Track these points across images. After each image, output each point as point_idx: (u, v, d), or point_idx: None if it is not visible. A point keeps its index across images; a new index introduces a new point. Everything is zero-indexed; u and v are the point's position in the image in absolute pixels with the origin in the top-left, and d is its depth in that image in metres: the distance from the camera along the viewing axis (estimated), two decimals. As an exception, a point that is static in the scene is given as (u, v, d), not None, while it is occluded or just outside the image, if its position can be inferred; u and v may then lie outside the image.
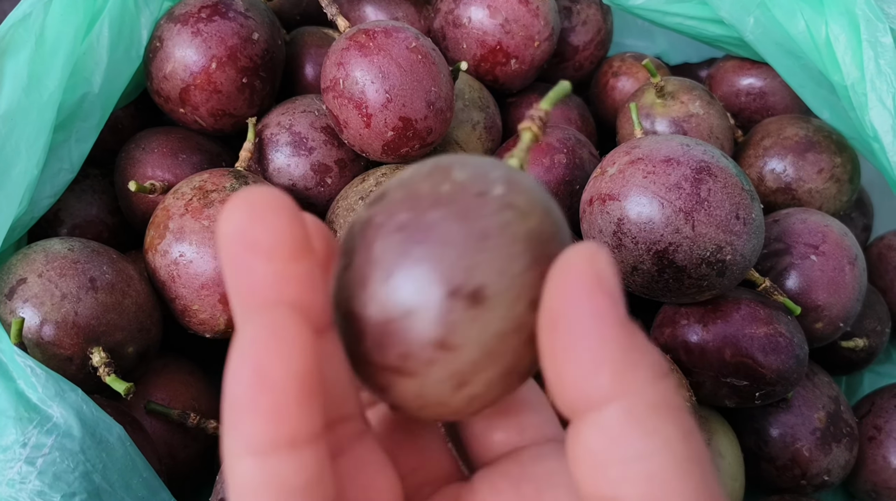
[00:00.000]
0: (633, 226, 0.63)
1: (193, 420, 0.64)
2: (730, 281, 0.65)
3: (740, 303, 0.69)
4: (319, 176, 0.74)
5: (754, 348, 0.67)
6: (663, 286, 0.65)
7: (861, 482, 0.79)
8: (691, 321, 0.69)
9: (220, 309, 0.63)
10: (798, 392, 0.75)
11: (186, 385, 0.68)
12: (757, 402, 0.69)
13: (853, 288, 0.74)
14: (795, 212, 0.79)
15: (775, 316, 0.69)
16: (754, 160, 0.87)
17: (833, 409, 0.75)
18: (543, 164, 0.77)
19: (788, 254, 0.75)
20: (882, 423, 0.78)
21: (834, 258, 0.74)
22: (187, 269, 0.63)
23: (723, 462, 0.70)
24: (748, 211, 0.64)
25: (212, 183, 0.65)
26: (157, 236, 0.64)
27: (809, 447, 0.74)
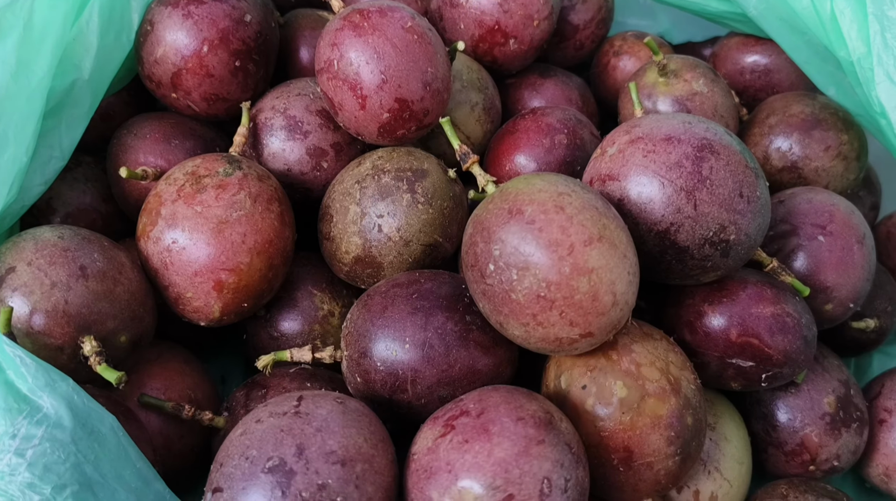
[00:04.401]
0: (634, 207, 0.62)
1: (188, 413, 0.63)
2: (735, 261, 0.63)
3: (747, 283, 0.67)
4: (315, 160, 0.73)
5: (761, 328, 0.66)
6: (666, 268, 0.64)
7: (872, 466, 0.77)
8: (696, 301, 0.68)
9: (215, 297, 0.62)
10: (807, 375, 0.73)
11: (182, 374, 0.67)
12: (763, 385, 0.68)
13: (862, 268, 0.73)
14: (801, 191, 0.77)
15: (783, 297, 0.67)
16: (759, 138, 0.85)
17: (843, 393, 0.74)
18: (544, 145, 0.76)
19: (795, 236, 0.73)
20: (893, 406, 0.77)
21: (842, 238, 0.72)
22: (180, 256, 0.61)
23: (728, 445, 0.69)
24: (752, 188, 0.62)
25: (204, 168, 0.64)
26: (150, 223, 0.63)
27: (819, 432, 0.72)
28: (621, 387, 0.58)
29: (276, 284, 0.66)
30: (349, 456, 0.50)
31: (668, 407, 0.58)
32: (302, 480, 0.49)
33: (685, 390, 0.60)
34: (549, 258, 0.54)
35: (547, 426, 0.52)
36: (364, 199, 0.67)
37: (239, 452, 0.51)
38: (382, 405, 0.60)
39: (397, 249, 0.66)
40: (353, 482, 0.50)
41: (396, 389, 0.59)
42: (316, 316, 0.72)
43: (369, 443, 0.52)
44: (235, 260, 0.61)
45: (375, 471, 0.51)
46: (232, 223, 0.62)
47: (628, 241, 0.56)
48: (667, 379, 0.59)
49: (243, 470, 0.49)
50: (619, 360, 0.59)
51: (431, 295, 0.61)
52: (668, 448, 0.58)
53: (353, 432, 0.52)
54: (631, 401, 0.58)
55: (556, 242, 0.54)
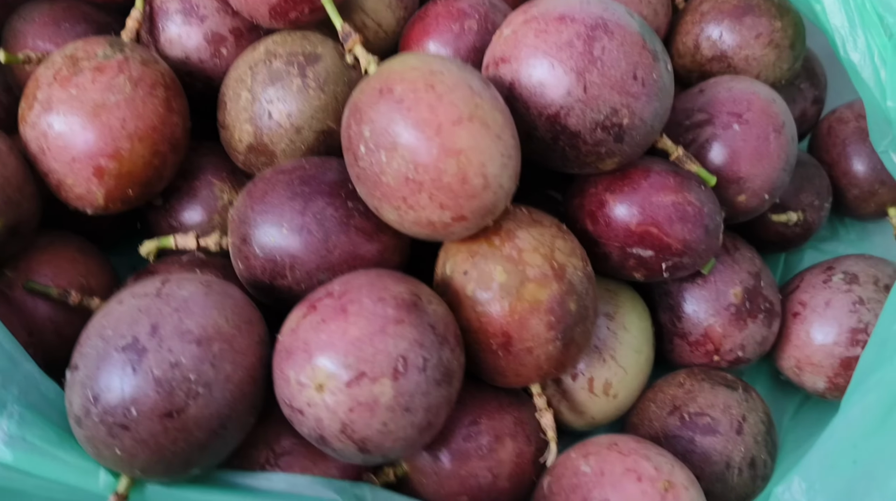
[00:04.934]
0: (525, 90, 0.60)
1: (75, 299, 0.63)
2: (631, 147, 0.62)
3: (650, 172, 0.66)
4: (214, 47, 0.70)
5: (660, 217, 0.64)
6: (561, 154, 0.62)
7: (784, 358, 0.77)
8: (599, 190, 0.66)
9: (96, 184, 0.61)
10: (715, 267, 0.72)
11: (74, 262, 0.66)
12: (665, 275, 0.67)
13: (778, 158, 0.70)
14: (723, 80, 0.74)
15: (686, 185, 0.65)
16: (691, 27, 0.81)
17: (752, 285, 0.73)
18: (453, 31, 0.72)
19: (711, 125, 0.71)
20: (808, 299, 0.76)
21: (758, 126, 0.70)
22: (57, 142, 0.60)
23: (626, 334, 0.69)
24: (648, 70, 0.59)
25: (83, 51, 0.62)
26: (27, 107, 0.61)
27: (723, 322, 0.72)
28: (501, 272, 0.57)
29: (165, 173, 0.65)
30: (206, 336, 0.50)
31: (548, 293, 0.57)
32: (154, 358, 0.49)
33: (570, 276, 0.59)
34: (416, 138, 0.52)
35: (410, 307, 0.52)
36: (255, 85, 0.65)
37: (96, 332, 0.51)
38: (265, 291, 0.60)
39: (289, 136, 0.64)
40: (209, 360, 0.50)
41: (276, 275, 0.59)
42: (216, 206, 0.71)
43: (230, 324, 0.52)
44: (114, 146, 0.60)
45: (236, 351, 0.51)
46: (110, 107, 0.60)
47: (505, 122, 0.55)
48: (550, 265, 0.58)
49: (98, 349, 0.50)
50: (501, 246, 0.58)
51: (314, 180, 0.60)
52: (549, 333, 0.58)
53: (213, 313, 0.52)
54: (510, 286, 0.57)
55: (424, 122, 0.52)
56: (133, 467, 0.50)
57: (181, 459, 0.50)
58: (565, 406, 0.69)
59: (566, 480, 0.58)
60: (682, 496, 0.55)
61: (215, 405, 0.50)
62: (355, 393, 0.49)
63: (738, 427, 0.65)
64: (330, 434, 0.51)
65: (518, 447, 0.62)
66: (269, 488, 0.56)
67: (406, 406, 0.50)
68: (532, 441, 0.63)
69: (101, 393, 0.48)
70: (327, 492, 0.56)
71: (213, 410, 0.50)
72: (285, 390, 0.51)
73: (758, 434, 0.66)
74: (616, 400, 0.69)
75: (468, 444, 0.60)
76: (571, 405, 0.69)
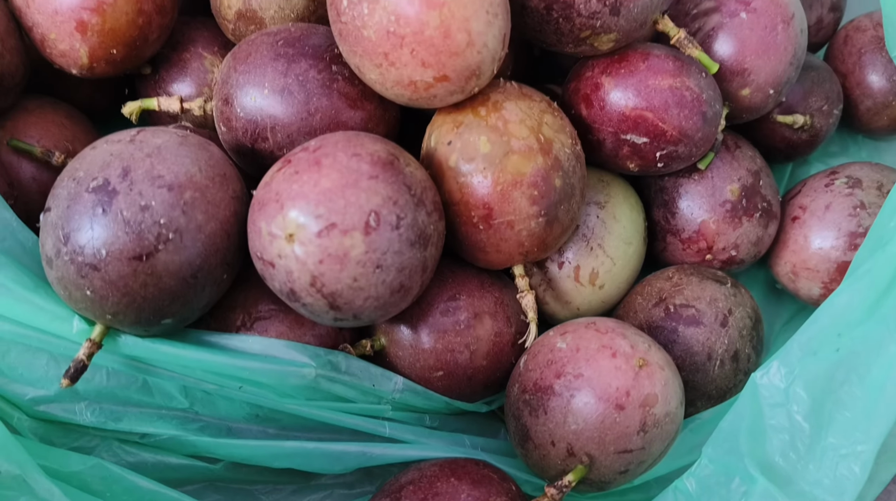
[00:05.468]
0: (519, -46, 0.57)
1: (59, 159, 0.63)
2: (628, 22, 0.59)
3: (649, 56, 0.63)
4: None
5: (656, 101, 0.62)
6: (555, 28, 0.60)
7: (781, 263, 0.76)
8: (595, 72, 0.64)
9: (79, 39, 0.60)
10: (714, 163, 0.70)
11: (61, 126, 0.66)
12: (660, 165, 0.65)
13: (786, 50, 0.68)
14: (736, -33, 0.71)
15: (685, 70, 0.63)
16: (706, -84, 0.78)
17: (750, 183, 0.71)
18: None
19: (717, 13, 0.68)
20: (808, 202, 0.74)
21: (766, 16, 0.67)
22: (39, -7, 0.59)
23: (616, 225, 0.67)
24: (649, -63, 0.57)
25: None
26: (10, -43, 0.60)
27: (717, 219, 0.70)
28: (485, 143, 0.56)
29: (151, 35, 0.64)
30: (178, 183, 0.50)
31: (532, 166, 0.56)
32: (124, 200, 0.48)
33: (557, 152, 0.57)
34: (398, -11, 0.50)
35: (386, 165, 0.51)
36: (244, -52, 0.63)
37: (69, 174, 0.50)
38: (247, 155, 0.59)
39: (278, 2, 0.63)
40: (181, 207, 0.49)
41: (258, 137, 0.58)
42: (206, 79, 0.70)
43: (204, 174, 0.51)
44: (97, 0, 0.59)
45: (208, 201, 0.51)
46: (92, -41, 0.58)
47: (492, -21, 0.52)
48: (536, 139, 0.57)
49: (69, 190, 0.49)
50: (487, 116, 0.57)
51: (298, 42, 0.58)
52: (531, 208, 0.56)
53: (186, 162, 0.51)
54: (493, 157, 0.56)
55: (408, -28, 0.50)
56: (104, 311, 0.50)
57: (152, 306, 0.50)
58: (550, 294, 0.68)
59: (542, 356, 0.58)
60: (657, 374, 0.55)
61: (186, 253, 0.50)
62: (325, 243, 0.48)
63: (723, 320, 0.64)
64: (300, 287, 0.50)
65: (497, 326, 0.61)
66: (243, 348, 0.56)
67: (377, 262, 0.50)
68: (512, 323, 0.63)
69: (71, 232, 0.48)
70: (300, 356, 0.56)
71: (183, 257, 0.50)
72: (257, 242, 0.51)
73: (743, 329, 0.65)
74: (602, 291, 0.68)
75: (446, 319, 0.60)
76: (556, 294, 0.68)
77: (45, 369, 0.56)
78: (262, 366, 0.55)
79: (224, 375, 0.55)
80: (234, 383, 0.56)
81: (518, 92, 0.59)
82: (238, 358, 0.55)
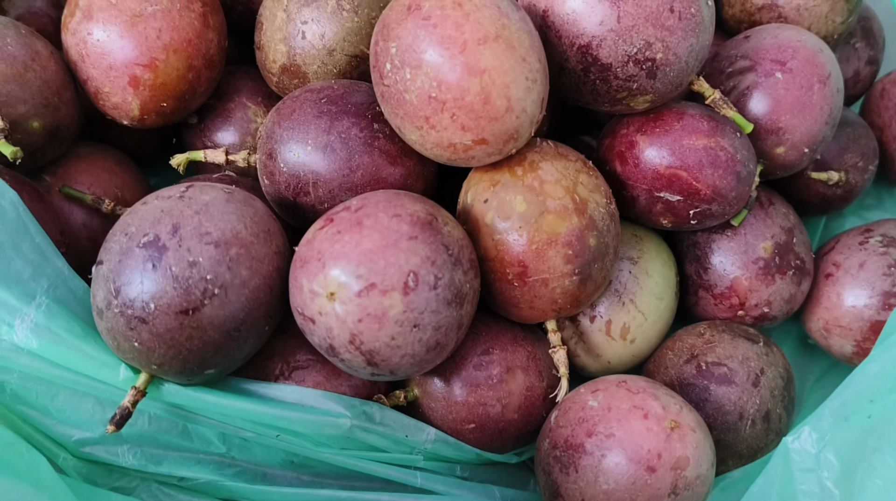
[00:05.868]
0: (557, 18, 0.59)
1: (108, 207, 0.65)
2: (664, 85, 0.60)
3: (684, 115, 0.64)
4: (255, -31, 0.71)
5: (690, 160, 0.63)
6: (591, 89, 0.61)
7: (813, 320, 0.76)
8: (630, 130, 0.65)
9: (132, 93, 0.63)
10: (747, 219, 0.71)
11: (111, 173, 0.68)
12: (693, 222, 0.66)
13: (821, 110, 0.68)
14: (771, 27, 0.72)
15: (720, 130, 0.64)
16: (742, -26, 0.79)
17: (784, 240, 0.71)
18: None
19: (753, 72, 0.69)
20: (842, 260, 0.74)
21: (802, 76, 0.68)
22: (95, 49, 0.62)
23: (649, 280, 0.68)
24: (687, 4, 0.58)
25: (126, -39, 0.63)
26: (69, 14, 0.63)
27: (750, 276, 0.70)
28: (521, 202, 0.57)
29: (199, 88, 0.66)
30: (224, 239, 0.51)
31: (567, 225, 0.57)
32: (173, 256, 0.50)
33: (591, 211, 0.58)
34: (440, 56, 0.52)
35: (425, 225, 0.52)
36: (291, 5, 0.65)
37: (121, 229, 0.52)
38: (289, 208, 0.61)
39: (321, 58, 0.65)
40: (226, 263, 0.51)
41: (300, 192, 0.59)
42: (249, 129, 0.72)
43: (249, 231, 0.53)
44: (150, 56, 0.61)
45: (253, 257, 0.52)
46: (147, 17, 0.61)
47: (531, 45, 0.54)
48: (571, 198, 0.58)
49: (121, 245, 0.51)
50: (523, 176, 0.58)
51: (340, 100, 0.60)
52: (566, 267, 0.57)
53: (232, 219, 0.53)
54: (529, 216, 0.57)
55: (450, 39, 0.52)
56: (150, 362, 0.52)
57: (196, 357, 0.52)
58: (581, 347, 0.69)
59: (573, 413, 0.58)
60: (689, 437, 0.55)
61: (230, 307, 0.51)
62: (365, 303, 0.50)
63: (755, 380, 0.64)
64: (339, 343, 0.51)
65: (529, 380, 0.62)
66: (280, 397, 0.58)
67: (415, 321, 0.51)
68: (544, 378, 0.63)
69: (122, 286, 0.50)
70: (336, 407, 0.57)
71: (228, 312, 0.51)
72: (298, 298, 0.52)
73: (775, 389, 0.65)
74: (633, 346, 0.69)
75: (479, 373, 0.61)
76: (587, 347, 0.69)
77: (90, 412, 0.58)
78: (299, 416, 0.56)
79: (262, 424, 0.57)
80: (272, 431, 0.57)
81: (554, 151, 0.60)
82: (276, 408, 0.57)
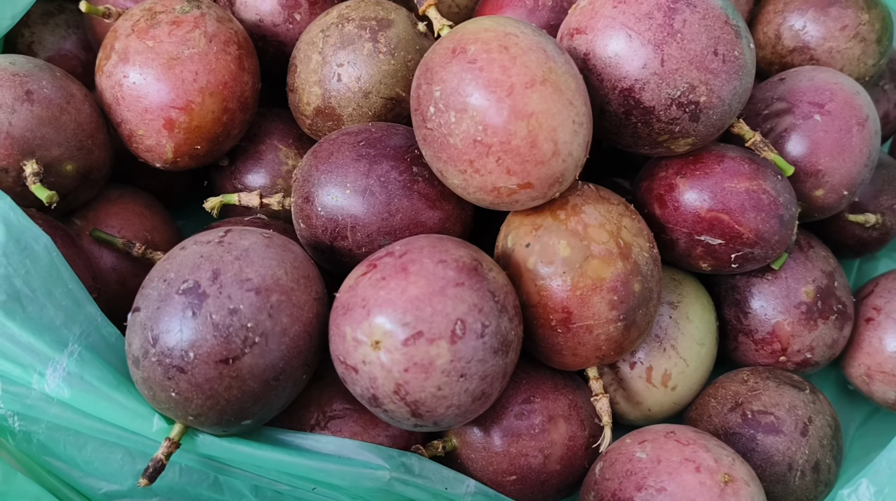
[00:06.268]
0: (599, 62, 0.58)
1: (139, 251, 0.64)
2: (706, 128, 0.59)
3: (724, 157, 0.63)
4: (288, 11, 0.71)
5: (732, 203, 0.62)
6: (632, 132, 0.60)
7: (854, 365, 0.74)
8: (669, 173, 0.64)
9: (166, 136, 0.62)
10: (787, 263, 0.69)
11: (141, 216, 0.67)
12: (734, 266, 0.65)
13: (860, 152, 0.67)
14: (806, 69, 0.71)
15: (761, 173, 0.63)
16: (773, 16, 0.79)
17: (825, 284, 0.70)
18: (526, 6, 0.71)
19: (790, 114, 0.68)
20: (882, 304, 0.73)
21: (841, 118, 0.67)
22: (131, 91, 0.61)
23: (689, 326, 0.66)
24: (730, 47, 0.57)
25: (162, 4, 0.63)
26: (104, 57, 0.62)
27: (792, 321, 0.69)
28: (565, 247, 0.56)
29: (233, 130, 0.65)
30: (265, 286, 0.50)
31: (612, 271, 0.56)
32: (214, 303, 0.49)
33: (636, 256, 0.57)
34: (486, 99, 0.51)
35: (471, 271, 0.51)
36: (326, 48, 0.65)
37: (159, 275, 0.51)
38: (325, 252, 0.60)
39: (356, 100, 0.64)
40: (267, 310, 0.49)
41: (337, 236, 0.58)
42: (280, 171, 0.71)
43: (289, 277, 0.51)
44: (186, 99, 0.61)
45: (293, 304, 0.51)
46: (183, 60, 0.60)
47: (577, 89, 0.53)
48: (615, 243, 0.56)
49: (160, 291, 0.50)
50: (566, 220, 0.57)
51: (379, 143, 0.59)
52: (610, 313, 0.56)
53: (273, 264, 0.51)
54: (573, 261, 0.55)
55: (496, 83, 0.51)
56: (187, 413, 0.50)
57: (234, 408, 0.50)
58: (621, 394, 0.67)
59: (620, 465, 0.56)
60: (742, 491, 0.53)
61: (271, 356, 0.50)
62: (411, 352, 0.48)
63: (804, 429, 0.62)
64: (383, 393, 0.50)
65: (571, 429, 0.60)
66: (317, 449, 0.56)
67: (462, 371, 0.49)
68: (586, 426, 0.61)
69: (160, 334, 0.49)
70: (375, 458, 0.55)
71: (268, 361, 0.50)
72: (340, 346, 0.51)
73: (823, 438, 0.63)
74: (674, 393, 0.67)
75: (520, 422, 0.59)
76: (628, 394, 0.67)
77: (120, 464, 0.56)
78: (336, 468, 0.54)
79: (298, 476, 0.55)
80: (308, 484, 0.55)
81: (596, 195, 0.59)
82: (312, 459, 0.55)
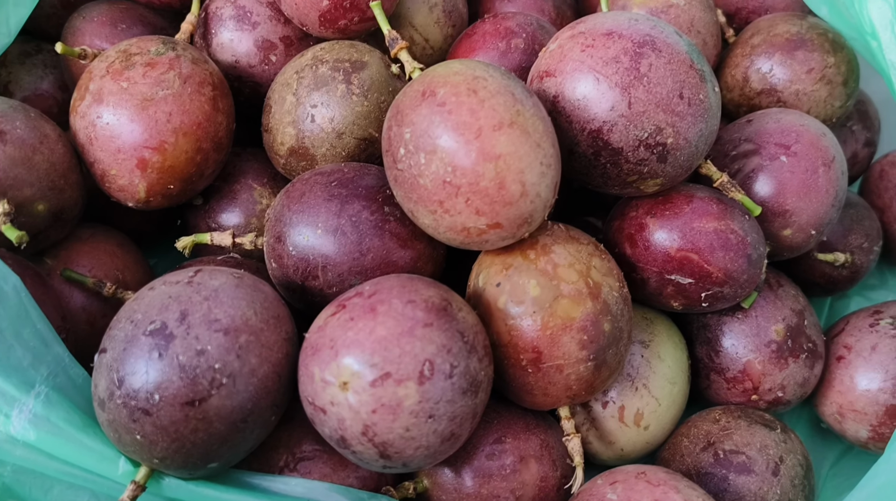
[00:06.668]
0: (568, 104, 0.59)
1: (109, 290, 0.63)
2: (674, 168, 0.60)
3: (693, 198, 0.64)
4: (263, 53, 0.72)
5: (701, 243, 0.63)
6: (602, 172, 0.61)
7: (826, 404, 0.74)
8: (639, 213, 0.65)
9: (139, 176, 0.62)
10: (757, 302, 0.70)
11: (113, 255, 0.67)
12: (704, 305, 0.65)
13: (827, 193, 0.69)
14: (773, 111, 0.73)
15: (729, 213, 0.64)
16: (740, 59, 0.81)
17: (795, 323, 0.70)
18: (499, 49, 0.73)
19: (757, 155, 0.69)
20: (853, 342, 0.73)
21: (807, 159, 0.68)
22: (104, 132, 0.61)
23: (661, 364, 0.67)
24: (695, 90, 0.58)
25: (137, 46, 0.63)
26: (79, 97, 0.63)
27: (763, 360, 0.69)
28: (535, 286, 0.56)
29: (207, 170, 0.65)
30: (234, 326, 0.50)
31: (582, 310, 0.56)
32: (181, 344, 0.48)
33: (605, 296, 0.57)
34: (455, 141, 0.52)
35: (440, 311, 0.51)
36: (300, 89, 0.65)
37: (126, 316, 0.51)
38: (296, 292, 0.60)
39: (330, 141, 0.65)
40: (235, 351, 0.49)
41: (308, 275, 0.58)
42: (254, 210, 0.71)
43: (259, 317, 0.51)
44: (159, 139, 0.61)
45: (262, 345, 0.51)
46: (157, 101, 0.61)
47: (545, 131, 0.54)
48: (585, 282, 0.57)
49: (126, 332, 0.50)
50: (536, 259, 0.57)
51: (351, 183, 0.60)
52: (580, 353, 0.56)
53: (242, 304, 0.51)
54: (543, 301, 0.56)
55: (465, 125, 0.52)
56: (152, 455, 0.49)
57: (200, 451, 0.49)
58: (594, 434, 0.67)
59: (591, 506, 0.56)
60: (713, 531, 0.53)
61: (238, 397, 0.49)
62: (379, 393, 0.48)
63: (775, 469, 0.63)
64: (351, 435, 0.49)
65: (543, 470, 0.60)
66: (285, 492, 0.55)
67: (430, 412, 0.49)
68: (558, 467, 0.61)
69: (126, 376, 0.48)
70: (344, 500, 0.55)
71: (235, 402, 0.49)
72: (309, 387, 0.51)
73: (795, 477, 0.63)
74: (647, 432, 0.67)
75: (491, 463, 0.59)
76: (600, 433, 0.67)
77: (85, 507, 0.55)
78: (305, 511, 0.54)
79: (266, 520, 0.54)
80: (276, 528, 0.54)
81: (566, 235, 0.60)
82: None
